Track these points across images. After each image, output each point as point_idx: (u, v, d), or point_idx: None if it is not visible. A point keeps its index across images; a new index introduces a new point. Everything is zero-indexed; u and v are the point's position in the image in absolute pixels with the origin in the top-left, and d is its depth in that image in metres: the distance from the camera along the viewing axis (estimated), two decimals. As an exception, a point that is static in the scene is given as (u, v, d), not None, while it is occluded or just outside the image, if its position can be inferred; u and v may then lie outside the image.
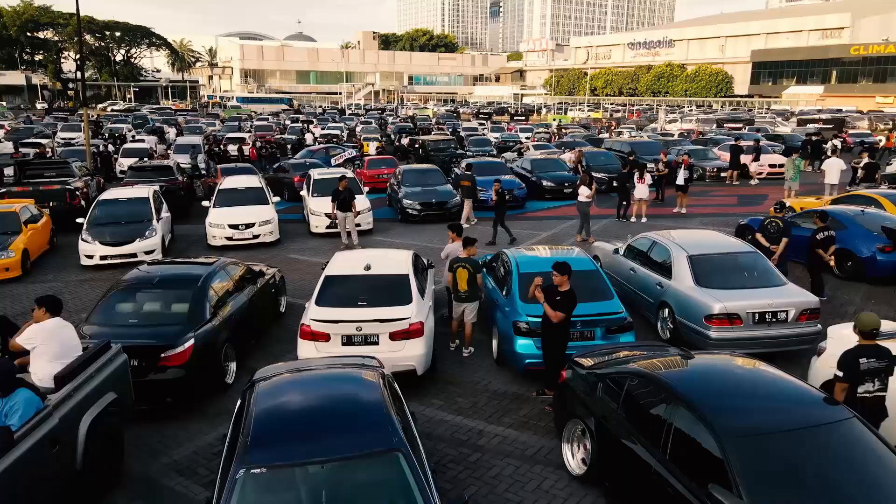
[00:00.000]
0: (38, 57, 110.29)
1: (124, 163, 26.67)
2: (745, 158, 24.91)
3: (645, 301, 9.96)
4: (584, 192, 15.79)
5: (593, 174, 21.72)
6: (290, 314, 10.88)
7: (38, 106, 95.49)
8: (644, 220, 17.83)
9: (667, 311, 9.25)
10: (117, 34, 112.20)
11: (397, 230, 17.55)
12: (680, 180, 19.10)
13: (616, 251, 11.28)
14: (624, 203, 18.37)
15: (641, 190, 17.75)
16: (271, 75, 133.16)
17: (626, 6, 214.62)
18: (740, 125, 44.72)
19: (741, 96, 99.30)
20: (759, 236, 11.16)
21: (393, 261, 9.10)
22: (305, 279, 12.95)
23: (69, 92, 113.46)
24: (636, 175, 17.71)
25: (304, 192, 17.72)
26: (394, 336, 7.79)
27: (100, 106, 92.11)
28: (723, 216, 18.54)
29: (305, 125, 45.64)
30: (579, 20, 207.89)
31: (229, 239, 15.35)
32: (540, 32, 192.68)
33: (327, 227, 16.26)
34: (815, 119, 45.09)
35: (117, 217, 14.46)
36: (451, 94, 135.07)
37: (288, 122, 53.42)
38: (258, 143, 32.64)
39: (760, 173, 25.29)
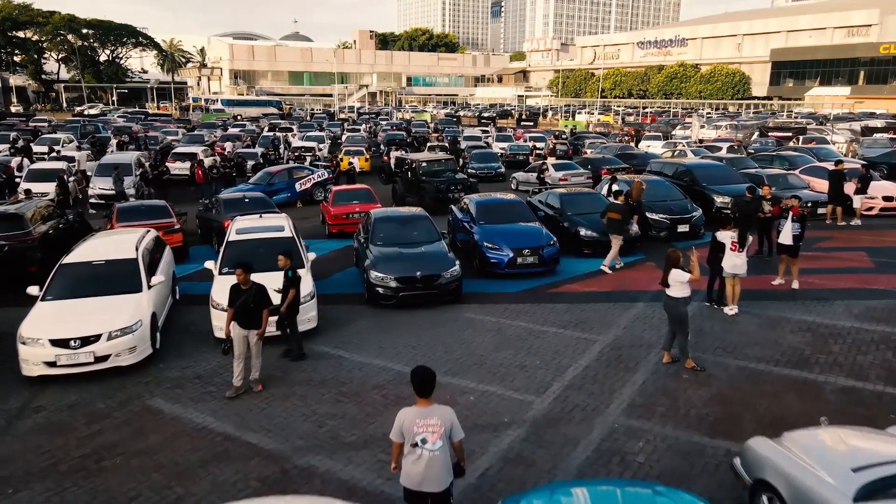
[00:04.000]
0: (17, 58, 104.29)
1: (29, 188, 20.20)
2: (848, 188, 18.28)
3: None
4: (677, 279, 8.95)
5: (647, 214, 15.41)
6: None
7: (13, 109, 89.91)
8: (734, 309, 10.97)
9: None
10: (95, 32, 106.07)
11: (359, 325, 10.88)
12: (786, 237, 12.00)
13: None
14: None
15: (734, 262, 10.66)
16: (263, 76, 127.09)
17: (631, 5, 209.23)
18: (790, 133, 37.98)
19: (760, 98, 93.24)
20: None
21: None
22: (143, 483, 6.33)
23: (51, 94, 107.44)
24: (730, 236, 10.67)
25: (210, 263, 11.03)
26: None
27: (77, 109, 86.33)
28: (878, 297, 11.74)
29: (281, 134, 38.77)
30: (583, 20, 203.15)
31: (52, 365, 8.67)
32: (542, 32, 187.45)
33: (238, 331, 9.61)
34: (882, 128, 38.32)
35: None
36: (451, 95, 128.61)
37: (266, 130, 46.75)
38: (207, 161, 25.94)
39: (871, 209, 18.64)
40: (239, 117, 65.65)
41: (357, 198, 17.76)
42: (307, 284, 10.35)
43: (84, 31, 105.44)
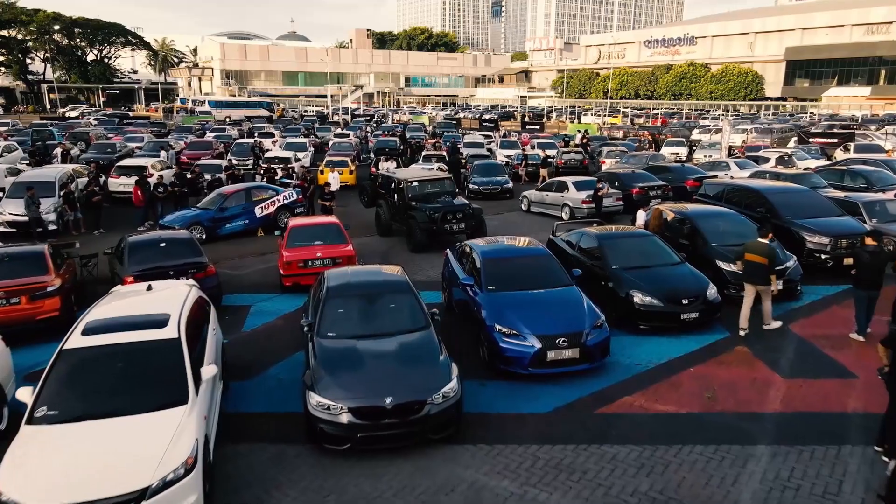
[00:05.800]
0: (0, 57, 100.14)
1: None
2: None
3: None
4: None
5: (721, 265, 10.79)
6: None
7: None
8: None
9: None
10: (82, 31, 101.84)
11: (282, 502, 6.27)
12: None
13: None
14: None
15: None
16: (255, 77, 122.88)
17: (634, 4, 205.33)
18: (834, 139, 33.38)
19: (774, 99, 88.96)
20: None
21: None
22: None
23: (39, 94, 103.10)
24: None
25: (26, 392, 6.31)
26: None
27: (60, 110, 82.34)
28: None
29: (258, 142, 34.03)
30: (585, 19, 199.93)
31: None
32: (544, 31, 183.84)
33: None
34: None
35: None
36: (451, 96, 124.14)
37: (246, 135, 42.06)
38: (153, 178, 21.22)
39: None
40: (228, 119, 61.27)
41: (321, 237, 12.99)
42: (187, 440, 5.73)
43: (71, 29, 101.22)
